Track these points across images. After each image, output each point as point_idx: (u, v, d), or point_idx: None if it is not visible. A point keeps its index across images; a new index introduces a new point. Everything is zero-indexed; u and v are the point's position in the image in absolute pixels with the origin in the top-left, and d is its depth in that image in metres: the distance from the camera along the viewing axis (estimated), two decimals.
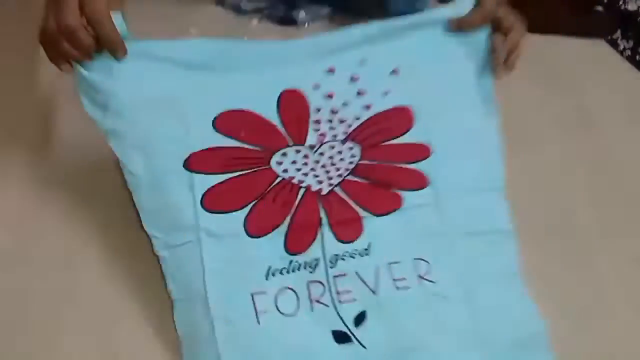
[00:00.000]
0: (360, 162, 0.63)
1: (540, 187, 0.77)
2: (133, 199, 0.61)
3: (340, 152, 0.63)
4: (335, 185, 0.62)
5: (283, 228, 0.60)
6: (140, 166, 0.60)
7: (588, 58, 0.97)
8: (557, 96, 0.89)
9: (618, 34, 1.00)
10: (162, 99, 0.60)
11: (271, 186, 0.61)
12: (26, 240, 0.67)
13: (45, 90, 0.81)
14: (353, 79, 0.63)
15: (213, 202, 0.60)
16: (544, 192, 0.77)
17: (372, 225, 0.61)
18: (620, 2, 1.01)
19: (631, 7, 1.00)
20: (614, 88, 0.93)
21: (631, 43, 0.99)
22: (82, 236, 0.67)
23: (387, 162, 0.63)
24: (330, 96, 0.63)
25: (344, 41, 0.63)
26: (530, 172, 0.77)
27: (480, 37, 0.64)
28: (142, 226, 0.61)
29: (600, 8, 1.01)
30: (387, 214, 0.61)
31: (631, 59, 0.98)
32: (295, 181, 0.62)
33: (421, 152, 0.63)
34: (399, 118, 0.64)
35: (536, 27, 0.88)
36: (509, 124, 0.66)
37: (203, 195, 0.60)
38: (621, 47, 1.00)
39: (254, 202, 0.61)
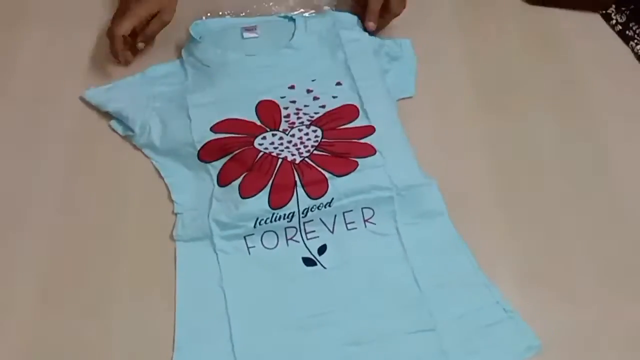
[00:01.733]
0: (323, 139, 0.83)
1: (523, 153, 0.88)
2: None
3: (307, 134, 0.83)
4: (306, 157, 0.82)
5: (266, 190, 0.78)
6: (171, 168, 0.84)
7: (580, 31, 1.03)
8: (547, 65, 0.98)
9: (612, 8, 1.04)
10: (175, 116, 0.86)
11: (256, 160, 0.81)
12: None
13: None
14: (309, 91, 0.88)
15: (223, 179, 0.81)
16: (526, 157, 0.88)
17: (335, 183, 0.79)
18: None
19: None
20: (601, 60, 1.00)
21: (624, 18, 1.03)
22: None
23: (344, 139, 0.84)
24: (294, 102, 0.86)
25: (300, 67, 0.89)
26: (514, 138, 0.90)
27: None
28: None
29: None
30: (346, 174, 0.80)
31: (621, 33, 1.03)
32: (274, 154, 0.82)
33: (368, 130, 0.84)
34: (348, 111, 0.86)
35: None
36: (500, 89, 0.89)
37: (218, 176, 0.81)
38: (613, 22, 1.04)
39: (244, 174, 0.80)
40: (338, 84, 0.88)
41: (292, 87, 0.88)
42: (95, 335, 0.72)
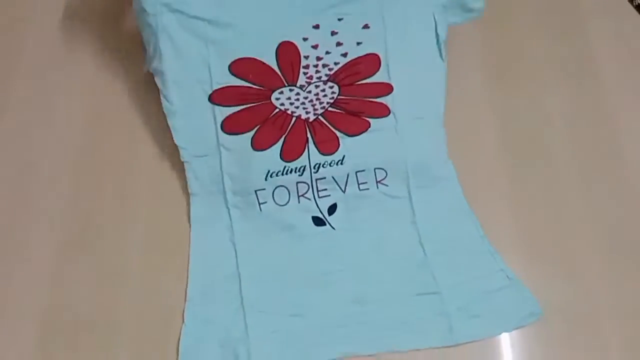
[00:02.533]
0: (339, 97, 0.83)
1: (535, 132, 0.88)
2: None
3: (323, 90, 0.83)
4: (319, 115, 0.82)
5: (279, 144, 0.81)
6: (175, 97, 0.81)
7: (600, 7, 1.00)
8: (565, 43, 0.96)
9: None
10: (192, 48, 0.81)
11: (271, 115, 0.82)
12: None
13: None
14: (333, 33, 0.83)
15: (230, 126, 0.81)
16: (537, 136, 0.88)
17: (346, 142, 0.81)
18: None
19: None
20: (620, 39, 0.97)
21: None
22: None
23: (359, 97, 0.83)
24: (315, 47, 0.83)
25: (327, 2, 0.82)
26: (526, 117, 0.89)
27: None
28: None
29: None
30: (358, 135, 0.81)
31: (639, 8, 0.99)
32: (289, 112, 0.82)
33: (385, 89, 0.83)
34: (369, 63, 0.83)
35: None
36: (515, 68, 0.88)
37: (222, 121, 0.81)
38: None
39: (258, 127, 0.81)
40: (365, 26, 0.83)
41: (316, 26, 0.83)
42: (111, 294, 0.77)
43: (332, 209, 0.79)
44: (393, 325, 0.75)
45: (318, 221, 0.79)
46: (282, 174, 0.79)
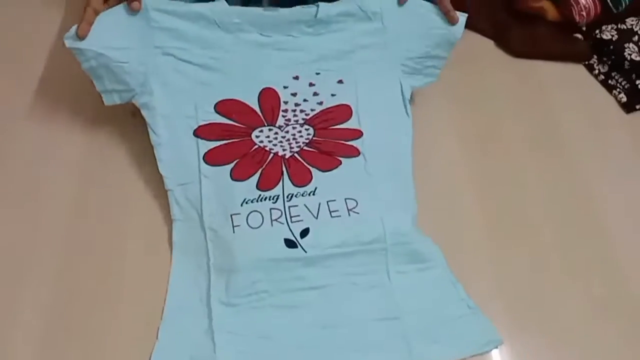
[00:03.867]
0: (313, 138, 0.91)
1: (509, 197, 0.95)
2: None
3: (300, 132, 0.91)
4: (295, 153, 0.90)
5: (256, 176, 0.87)
6: (162, 129, 0.88)
7: (564, 80, 1.11)
8: (533, 114, 1.05)
9: (595, 59, 1.14)
10: (181, 87, 0.89)
11: (250, 150, 0.89)
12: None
13: None
14: (311, 84, 0.93)
15: (211, 158, 0.88)
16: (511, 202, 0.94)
17: (319, 176, 0.87)
18: (597, 32, 1.14)
19: (605, 36, 1.13)
20: (585, 109, 1.07)
21: (606, 67, 1.12)
22: None
23: (332, 139, 0.91)
24: (294, 94, 0.93)
25: (308, 57, 0.93)
26: (500, 183, 0.96)
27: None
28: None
29: (579, 36, 1.16)
30: (330, 170, 0.88)
31: (604, 83, 1.11)
32: (267, 149, 0.90)
33: (356, 134, 0.92)
34: (342, 111, 0.93)
35: (521, 52, 1.13)
36: (486, 138, 0.96)
37: (205, 154, 0.88)
38: (596, 72, 1.13)
39: (237, 160, 0.88)
40: (339, 81, 0.94)
41: (296, 77, 0.93)
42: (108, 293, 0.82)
43: (304, 233, 0.83)
44: (356, 348, 0.77)
45: (290, 243, 0.82)
46: (257, 201, 0.85)
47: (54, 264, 0.83)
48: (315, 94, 0.93)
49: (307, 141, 0.91)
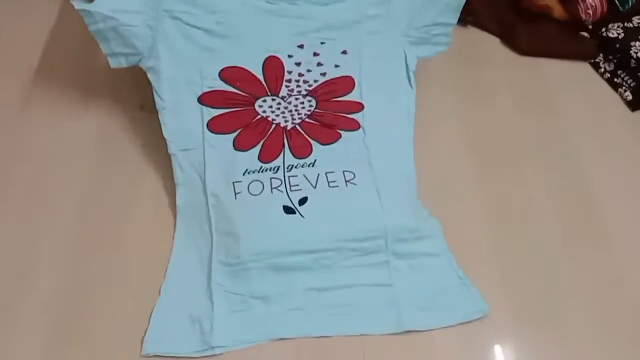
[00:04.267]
0: (315, 110, 0.93)
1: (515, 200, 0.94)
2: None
3: (302, 103, 0.93)
4: (297, 124, 0.92)
5: (258, 147, 0.90)
6: (167, 94, 0.89)
7: (570, 79, 1.11)
8: (537, 115, 1.05)
9: (600, 57, 1.14)
10: (187, 52, 0.89)
11: (253, 120, 0.91)
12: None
13: None
14: (315, 54, 0.94)
15: (215, 126, 0.90)
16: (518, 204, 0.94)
17: (319, 149, 0.90)
18: (603, 30, 1.14)
19: (611, 34, 1.13)
20: (591, 108, 1.07)
21: (612, 66, 1.12)
22: None
23: (333, 112, 0.93)
24: (298, 64, 0.93)
25: (313, 26, 0.92)
26: (506, 187, 0.96)
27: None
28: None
29: (585, 34, 1.16)
30: (329, 144, 0.91)
31: (610, 81, 1.11)
32: (269, 119, 0.92)
33: (357, 107, 0.93)
34: (345, 83, 0.94)
35: (527, 50, 1.12)
36: (492, 141, 0.95)
37: (209, 121, 0.90)
38: (602, 70, 1.13)
39: (240, 130, 0.90)
40: (344, 52, 0.94)
41: (301, 46, 0.93)
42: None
43: (302, 201, 0.86)
44: (347, 312, 0.82)
45: (288, 210, 0.86)
46: (259, 172, 0.88)
47: (69, 225, 0.89)
48: (319, 64, 0.94)
49: (309, 113, 0.92)
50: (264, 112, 0.92)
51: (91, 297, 0.83)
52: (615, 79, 1.11)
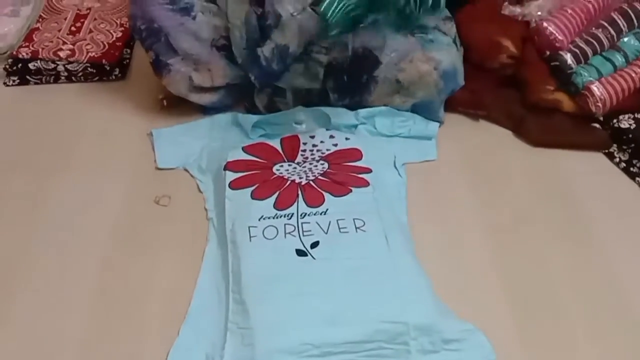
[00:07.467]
0: (328, 170, 1.02)
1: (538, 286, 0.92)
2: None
3: (316, 166, 1.03)
4: (310, 181, 1.00)
5: (274, 197, 0.97)
6: (205, 183, 1.05)
7: (586, 169, 1.09)
8: (556, 203, 1.03)
9: (614, 147, 1.12)
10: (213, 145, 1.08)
11: (270, 178, 1.01)
12: None
13: None
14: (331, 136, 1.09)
15: (235, 184, 1.00)
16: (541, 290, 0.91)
17: (330, 199, 0.96)
18: (614, 121, 1.13)
19: (623, 125, 1.13)
20: (610, 197, 1.04)
21: (627, 155, 1.11)
22: None
23: (344, 173, 1.02)
24: (312, 137, 1.07)
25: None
26: (528, 272, 0.94)
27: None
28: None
29: (597, 125, 1.15)
30: (341, 196, 0.97)
31: (626, 170, 1.09)
32: (285, 177, 1.01)
33: (366, 170, 1.02)
34: (354, 153, 1.05)
35: (541, 142, 1.12)
36: (511, 227, 0.98)
37: (230, 182, 1.00)
38: (617, 159, 1.11)
39: (258, 185, 0.99)
40: (347, 139, 1.09)
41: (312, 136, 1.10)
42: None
43: (314, 245, 0.90)
44: (357, 348, 0.80)
45: (301, 253, 0.89)
46: (273, 219, 0.94)
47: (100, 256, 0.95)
48: (331, 136, 1.08)
49: (322, 172, 1.02)
50: (281, 173, 1.02)
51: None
52: (632, 169, 1.10)
